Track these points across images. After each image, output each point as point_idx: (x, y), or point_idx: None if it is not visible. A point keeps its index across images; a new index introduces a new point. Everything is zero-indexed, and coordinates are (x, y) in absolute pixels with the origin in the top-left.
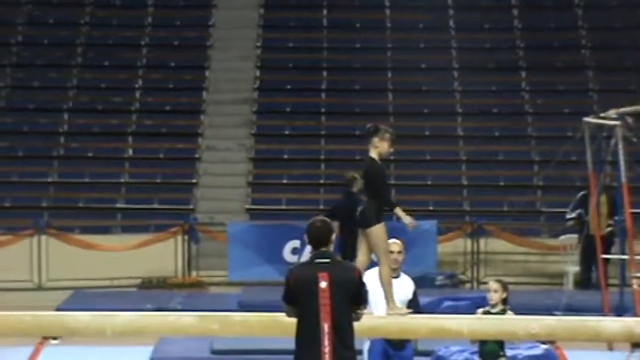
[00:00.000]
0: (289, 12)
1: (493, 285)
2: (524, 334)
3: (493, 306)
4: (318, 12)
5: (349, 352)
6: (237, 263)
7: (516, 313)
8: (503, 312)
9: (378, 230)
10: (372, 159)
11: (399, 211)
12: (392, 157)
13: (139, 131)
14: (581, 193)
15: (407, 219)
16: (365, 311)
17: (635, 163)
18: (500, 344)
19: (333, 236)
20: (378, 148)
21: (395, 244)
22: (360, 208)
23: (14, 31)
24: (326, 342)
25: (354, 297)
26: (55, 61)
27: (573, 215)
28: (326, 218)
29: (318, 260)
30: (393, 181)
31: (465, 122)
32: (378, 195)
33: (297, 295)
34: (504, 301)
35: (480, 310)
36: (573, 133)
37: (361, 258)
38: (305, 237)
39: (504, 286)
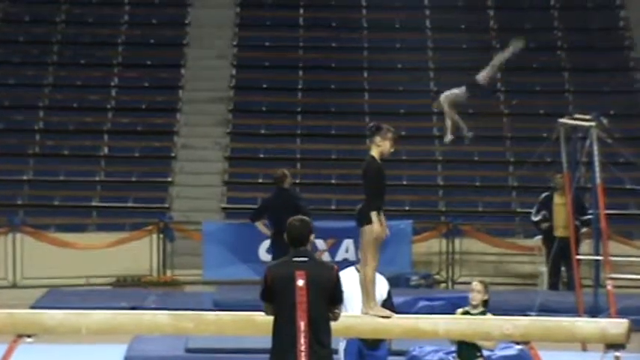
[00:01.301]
0: (265, 11)
1: (477, 285)
2: (498, 334)
3: (474, 307)
4: (295, 11)
5: (325, 351)
6: (212, 262)
7: (490, 314)
8: (483, 313)
9: (371, 229)
10: (372, 158)
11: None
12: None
13: (115, 129)
14: (544, 194)
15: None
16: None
17: (609, 165)
18: (476, 345)
19: (312, 236)
20: (380, 147)
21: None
22: (358, 206)
23: None
24: (302, 340)
25: (331, 296)
26: (31, 58)
27: (539, 217)
28: (304, 217)
29: (296, 258)
30: None
31: (440, 123)
32: (377, 194)
33: (274, 293)
34: (485, 303)
35: (460, 310)
36: (549, 134)
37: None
38: (284, 236)
39: (486, 287)
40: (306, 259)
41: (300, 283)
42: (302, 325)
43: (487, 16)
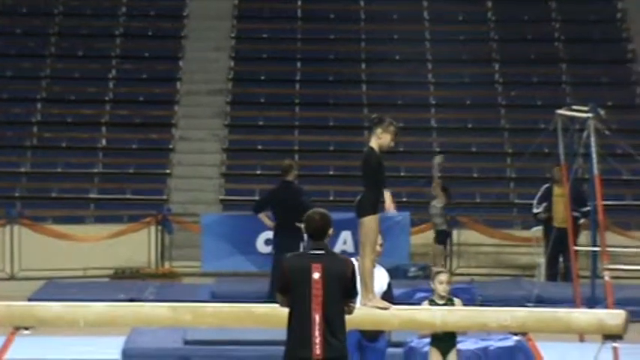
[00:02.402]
0: (263, 3)
1: (444, 277)
2: (495, 325)
3: (441, 297)
4: (293, 3)
5: (339, 343)
6: (210, 254)
7: (488, 305)
8: (451, 302)
9: (371, 221)
10: (372, 149)
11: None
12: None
13: (113, 121)
14: (545, 186)
15: (390, 205)
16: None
17: (607, 156)
18: (452, 337)
19: (331, 230)
20: (381, 139)
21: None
22: (357, 197)
23: None
24: (316, 332)
25: (346, 289)
26: (28, 50)
27: (540, 209)
28: (324, 211)
29: (312, 251)
30: None
31: (438, 114)
32: (376, 185)
33: (289, 285)
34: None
35: (425, 301)
36: (546, 126)
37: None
38: (302, 228)
39: (450, 278)
40: (322, 252)
41: (316, 275)
42: (317, 317)
43: (485, 7)
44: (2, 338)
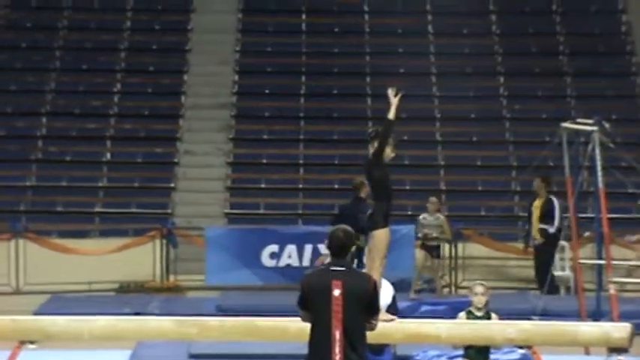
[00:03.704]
0: (268, 16)
1: (480, 288)
2: (501, 338)
3: (479, 309)
4: (297, 16)
5: (359, 359)
6: (215, 267)
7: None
8: (487, 315)
9: (382, 234)
10: (371, 160)
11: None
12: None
13: (118, 135)
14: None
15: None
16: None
17: (611, 169)
18: (485, 351)
19: (353, 247)
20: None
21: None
22: (369, 212)
23: None
24: (337, 349)
25: (367, 306)
26: (33, 64)
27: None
28: (348, 227)
29: (333, 268)
30: None
31: (443, 127)
32: (385, 196)
33: (310, 301)
34: (486, 304)
35: (462, 313)
36: (551, 139)
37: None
38: (325, 243)
39: (487, 289)
40: (343, 268)
41: (337, 292)
42: (337, 334)
43: (489, 21)
44: (8, 352)
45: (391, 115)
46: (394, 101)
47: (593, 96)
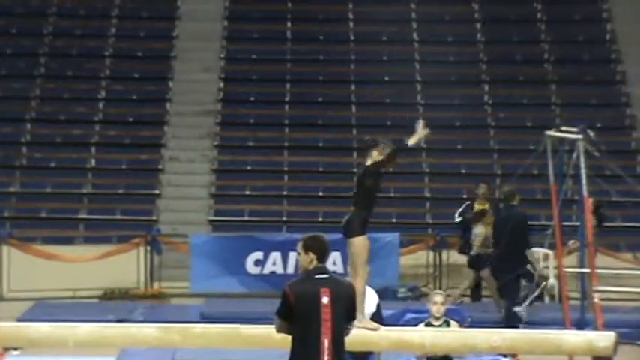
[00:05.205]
0: (253, 24)
1: (439, 297)
2: (485, 346)
3: (437, 318)
4: (282, 24)
5: None
6: (199, 274)
7: (477, 326)
8: (447, 323)
9: (361, 241)
10: (367, 168)
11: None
12: (354, 170)
13: (102, 142)
14: (466, 203)
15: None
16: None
17: (596, 177)
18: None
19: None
20: (377, 162)
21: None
22: (346, 217)
23: None
24: (326, 357)
25: (349, 312)
26: (18, 71)
27: (458, 220)
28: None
29: (318, 275)
30: None
31: (428, 135)
32: (367, 206)
33: (297, 312)
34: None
35: (422, 324)
36: (535, 147)
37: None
38: (305, 247)
39: (446, 298)
40: (327, 275)
41: (325, 300)
42: (326, 342)
43: (474, 29)
44: None
45: (411, 142)
46: (421, 132)
47: (578, 104)
